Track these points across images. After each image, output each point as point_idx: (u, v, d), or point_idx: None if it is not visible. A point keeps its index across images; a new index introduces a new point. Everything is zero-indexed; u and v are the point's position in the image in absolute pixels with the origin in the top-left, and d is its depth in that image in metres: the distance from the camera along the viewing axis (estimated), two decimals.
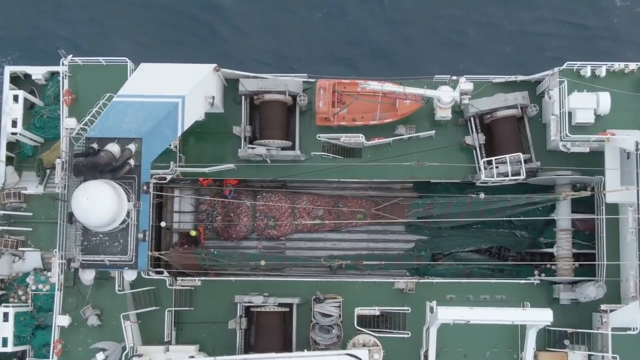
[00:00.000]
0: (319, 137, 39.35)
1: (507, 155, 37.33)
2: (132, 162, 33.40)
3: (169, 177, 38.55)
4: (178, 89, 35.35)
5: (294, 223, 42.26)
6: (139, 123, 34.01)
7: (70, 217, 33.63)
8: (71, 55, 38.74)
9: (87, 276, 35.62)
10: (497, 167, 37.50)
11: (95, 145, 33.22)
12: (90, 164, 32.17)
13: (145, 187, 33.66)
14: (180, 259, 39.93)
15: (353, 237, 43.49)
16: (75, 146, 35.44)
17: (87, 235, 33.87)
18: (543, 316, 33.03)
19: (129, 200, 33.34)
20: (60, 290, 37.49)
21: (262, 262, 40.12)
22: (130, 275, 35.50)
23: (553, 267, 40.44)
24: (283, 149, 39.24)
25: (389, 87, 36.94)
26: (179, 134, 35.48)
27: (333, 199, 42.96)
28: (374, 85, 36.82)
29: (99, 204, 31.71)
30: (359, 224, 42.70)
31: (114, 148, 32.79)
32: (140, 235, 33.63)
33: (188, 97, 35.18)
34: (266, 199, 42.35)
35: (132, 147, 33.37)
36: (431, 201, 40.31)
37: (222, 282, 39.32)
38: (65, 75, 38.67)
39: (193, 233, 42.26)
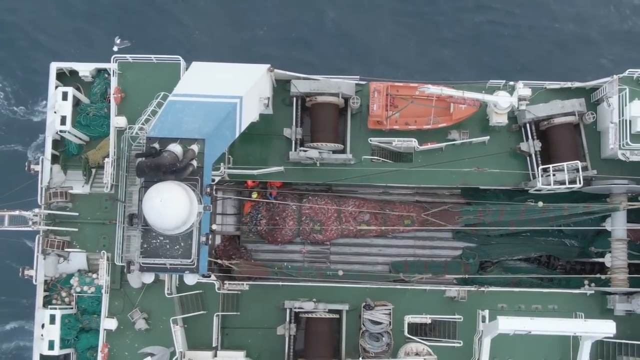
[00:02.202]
0: (370, 140, 38.63)
1: (564, 163, 36.72)
2: (194, 163, 32.53)
3: (217, 179, 37.66)
4: (235, 89, 34.53)
5: (340, 227, 41.44)
6: (199, 123, 33.12)
7: (131, 219, 32.75)
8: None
9: (146, 279, 34.77)
10: (553, 175, 36.87)
11: (156, 146, 32.29)
12: (154, 164, 31.20)
13: (208, 190, 32.78)
14: (250, 270, 39.20)
15: (399, 243, 42.73)
16: (134, 146, 34.65)
17: (146, 237, 32.97)
18: (606, 328, 32.58)
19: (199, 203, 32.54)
20: (107, 293, 36.71)
21: (340, 273, 39.34)
22: (190, 279, 34.65)
23: (603, 277, 39.84)
24: (334, 152, 38.46)
25: (448, 91, 36.29)
26: (237, 135, 34.65)
27: (379, 204, 42.20)
28: (433, 89, 36.15)
29: (173, 206, 30.80)
30: (406, 230, 41.88)
31: (176, 148, 31.91)
32: (203, 239, 32.77)
33: (245, 97, 34.39)
34: (312, 202, 41.54)
35: (195, 147, 32.52)
36: (483, 208, 39.64)
37: (269, 286, 38.59)
38: (115, 72, 37.85)
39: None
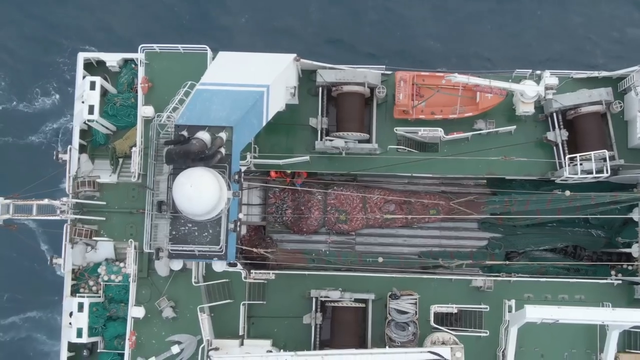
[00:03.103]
0: (396, 130, 38.57)
1: (592, 152, 36.52)
2: (223, 150, 32.69)
3: (244, 169, 37.77)
4: (262, 78, 34.69)
5: (365, 217, 41.45)
6: (227, 111, 33.34)
7: (160, 206, 32.92)
8: None
9: (175, 266, 34.94)
10: (581, 164, 36.68)
11: (185, 133, 32.51)
12: (183, 152, 31.41)
13: (236, 177, 32.92)
14: (287, 258, 39.30)
15: (425, 234, 42.71)
16: (162, 134, 34.83)
17: (175, 224, 33.13)
18: (635, 317, 32.31)
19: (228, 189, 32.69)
20: (135, 282, 36.89)
21: (380, 259, 39.41)
22: (219, 266, 34.83)
23: (630, 267, 39.58)
24: (360, 141, 38.42)
25: (475, 80, 36.20)
26: (264, 123, 34.80)
27: (404, 194, 42.14)
28: (460, 77, 36.08)
29: (203, 191, 30.96)
30: (432, 219, 41.83)
31: (204, 136, 32.10)
32: (231, 226, 32.88)
33: (272, 86, 34.53)
34: (337, 192, 41.58)
35: (223, 135, 32.67)
36: (509, 198, 39.51)
37: (295, 275, 38.60)
38: (142, 62, 38.03)
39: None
